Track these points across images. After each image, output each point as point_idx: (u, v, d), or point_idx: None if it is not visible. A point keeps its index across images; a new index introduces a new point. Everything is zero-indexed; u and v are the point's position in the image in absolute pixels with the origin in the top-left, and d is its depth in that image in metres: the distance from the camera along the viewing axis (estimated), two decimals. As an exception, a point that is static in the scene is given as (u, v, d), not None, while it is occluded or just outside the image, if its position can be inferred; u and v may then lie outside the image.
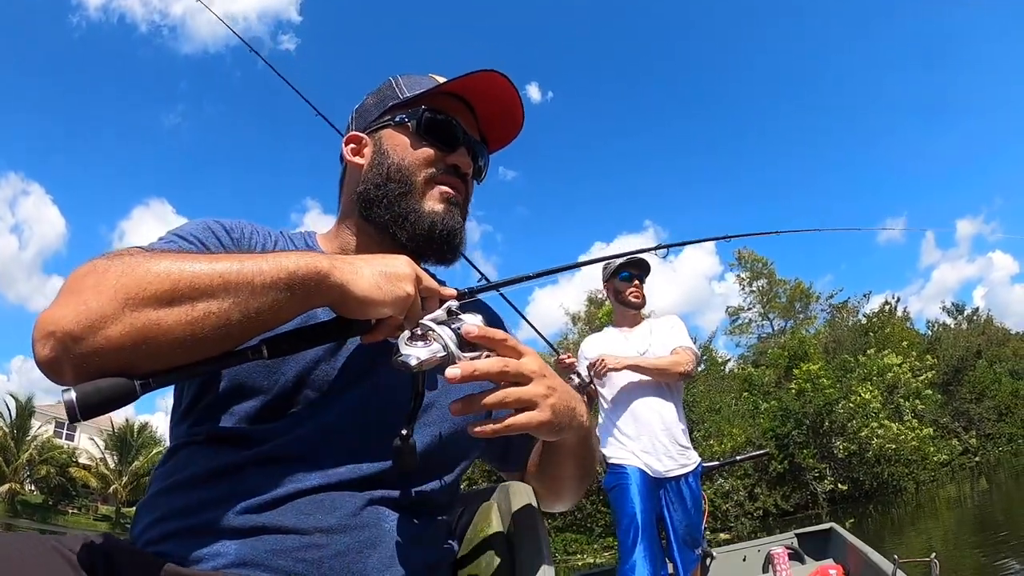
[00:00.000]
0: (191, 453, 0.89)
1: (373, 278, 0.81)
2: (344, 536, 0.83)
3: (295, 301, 0.77)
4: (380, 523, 0.87)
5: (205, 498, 0.83)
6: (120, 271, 0.72)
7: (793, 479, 24.90)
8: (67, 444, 39.69)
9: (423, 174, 1.04)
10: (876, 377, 27.57)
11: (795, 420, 25.84)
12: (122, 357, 0.70)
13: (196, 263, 0.74)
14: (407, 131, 1.06)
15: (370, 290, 0.80)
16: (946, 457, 28.11)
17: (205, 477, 0.85)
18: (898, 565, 3.15)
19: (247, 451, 0.86)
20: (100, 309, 0.69)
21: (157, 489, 0.89)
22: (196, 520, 0.81)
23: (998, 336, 43.87)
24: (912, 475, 25.34)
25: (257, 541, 0.80)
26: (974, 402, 33.25)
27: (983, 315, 45.61)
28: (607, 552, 21.94)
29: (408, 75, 1.12)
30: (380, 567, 0.85)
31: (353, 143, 1.11)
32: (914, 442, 25.50)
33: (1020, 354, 42.46)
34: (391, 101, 1.09)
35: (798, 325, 38.73)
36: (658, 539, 3.24)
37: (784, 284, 39.80)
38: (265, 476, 0.84)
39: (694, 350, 3.49)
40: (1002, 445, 32.47)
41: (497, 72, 1.02)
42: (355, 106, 1.18)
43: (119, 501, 38.16)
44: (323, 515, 0.83)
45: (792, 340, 32.65)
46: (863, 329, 35.32)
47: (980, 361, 36.10)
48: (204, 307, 0.72)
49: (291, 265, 0.76)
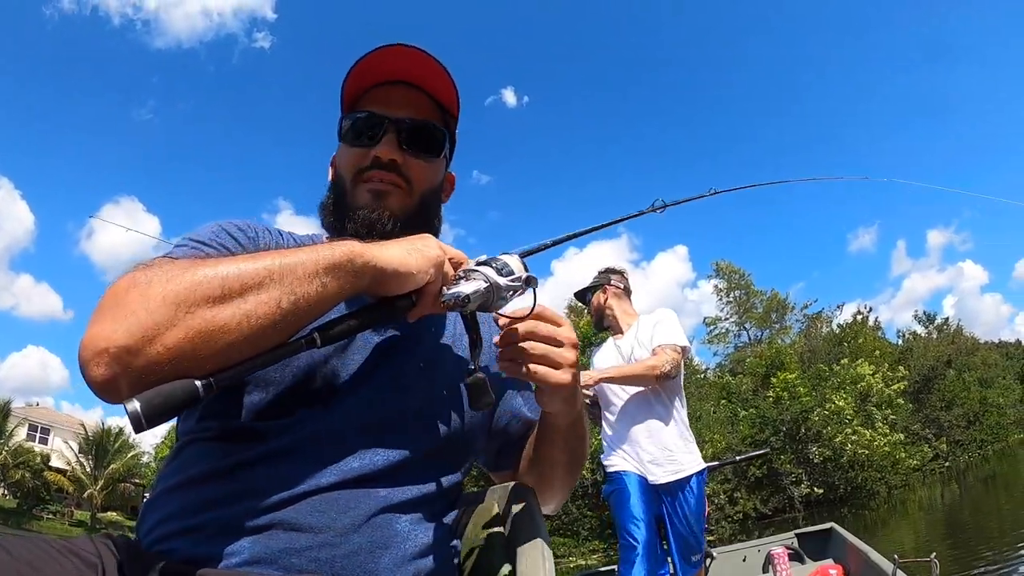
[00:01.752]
0: (201, 450, 0.89)
1: (401, 250, 0.85)
2: (357, 536, 0.84)
3: (337, 285, 0.79)
4: (392, 524, 0.88)
5: (217, 495, 0.83)
6: (165, 279, 0.72)
7: (771, 484, 25.61)
8: (40, 448, 39.01)
9: (351, 175, 1.06)
10: (850, 386, 28.46)
11: (773, 427, 26.56)
12: (180, 364, 0.70)
13: (240, 262, 0.76)
14: (340, 139, 1.10)
15: (402, 260, 0.83)
16: (917, 462, 29.07)
17: (217, 474, 0.85)
18: (898, 565, 3.15)
19: (260, 447, 0.86)
20: (153, 318, 0.69)
21: (165, 487, 0.88)
22: (208, 517, 0.81)
23: (967, 345, 45.18)
24: (884, 480, 26.31)
25: (270, 539, 0.80)
26: (944, 410, 34.34)
27: (953, 325, 46.92)
28: (594, 555, 22.37)
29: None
30: (391, 567, 0.85)
31: (332, 167, 1.16)
32: (886, 448, 26.44)
33: (989, 363, 43.83)
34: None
35: (774, 335, 39.48)
36: (657, 542, 3.21)
37: (760, 295, 40.58)
38: (278, 473, 0.84)
39: (677, 346, 3.25)
40: (971, 451, 33.62)
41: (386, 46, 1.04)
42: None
43: (94, 506, 37.59)
44: (337, 514, 0.83)
45: (769, 349, 33.36)
46: (837, 339, 36.21)
47: (950, 370, 37.26)
48: (255, 299, 0.73)
49: (327, 252, 0.79)
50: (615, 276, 3.65)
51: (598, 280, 3.64)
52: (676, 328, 3.33)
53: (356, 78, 1.07)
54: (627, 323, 3.54)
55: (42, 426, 40.57)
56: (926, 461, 30.34)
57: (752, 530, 20.76)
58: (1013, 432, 37.90)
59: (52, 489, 37.66)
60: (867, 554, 3.67)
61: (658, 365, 3.13)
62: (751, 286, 40.61)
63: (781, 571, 4.05)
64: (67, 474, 37.85)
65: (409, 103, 1.08)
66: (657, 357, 3.18)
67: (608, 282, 3.62)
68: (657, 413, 3.27)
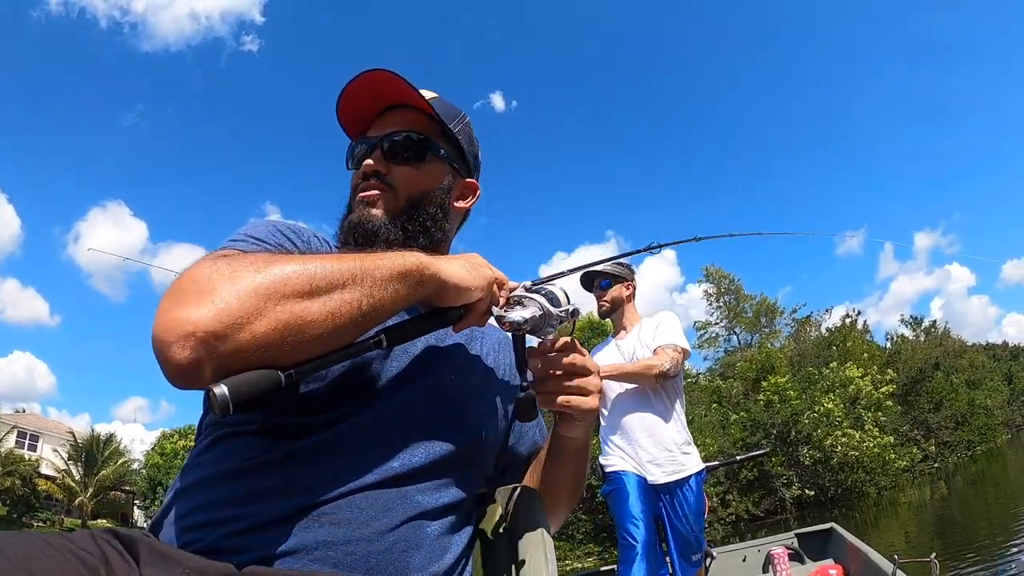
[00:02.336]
0: (243, 442, 0.90)
1: (462, 267, 0.92)
2: (392, 535, 0.86)
3: (407, 292, 0.84)
4: (424, 526, 0.91)
5: (262, 487, 0.84)
6: (254, 269, 0.74)
7: (762, 486, 25.81)
8: (30, 455, 38.65)
9: (352, 194, 1.16)
10: (839, 389, 28.70)
11: (764, 430, 26.76)
12: (265, 353, 0.71)
13: (327, 261, 0.79)
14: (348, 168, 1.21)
15: (461, 275, 0.90)
16: (906, 464, 29.31)
17: (263, 465, 0.86)
18: (898, 565, 3.15)
19: (305, 440, 0.88)
20: (244, 306, 0.71)
21: (201, 476, 0.89)
22: (249, 509, 0.82)
23: (955, 348, 45.67)
24: (874, 481, 26.54)
25: (308, 532, 0.82)
26: (932, 411, 34.67)
27: (940, 327, 47.39)
28: (589, 559, 22.53)
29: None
30: (420, 567, 0.88)
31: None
32: (876, 450, 26.69)
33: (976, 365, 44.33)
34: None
35: (764, 339, 39.71)
36: (656, 542, 3.22)
37: (750, 299, 40.81)
38: (324, 467, 0.86)
39: (678, 347, 3.28)
40: (959, 452, 33.97)
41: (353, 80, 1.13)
42: None
43: (84, 514, 37.33)
44: (376, 512, 0.86)
45: (760, 354, 33.57)
46: (826, 342, 36.48)
47: (938, 373, 37.61)
48: (340, 298, 0.77)
49: (400, 260, 0.85)
50: (632, 275, 3.65)
51: (623, 273, 3.59)
52: (678, 330, 3.35)
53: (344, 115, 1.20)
54: (632, 324, 3.55)
55: (31, 433, 40.08)
56: (915, 462, 30.63)
57: (745, 532, 20.92)
58: (1001, 433, 38.42)
59: (42, 497, 37.34)
60: (867, 554, 3.68)
61: (657, 364, 3.16)
62: (741, 290, 40.87)
63: (781, 571, 4.06)
64: (57, 481, 37.55)
65: (391, 122, 1.16)
66: (657, 356, 3.20)
67: (631, 279, 3.61)
68: (657, 413, 3.27)
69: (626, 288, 3.57)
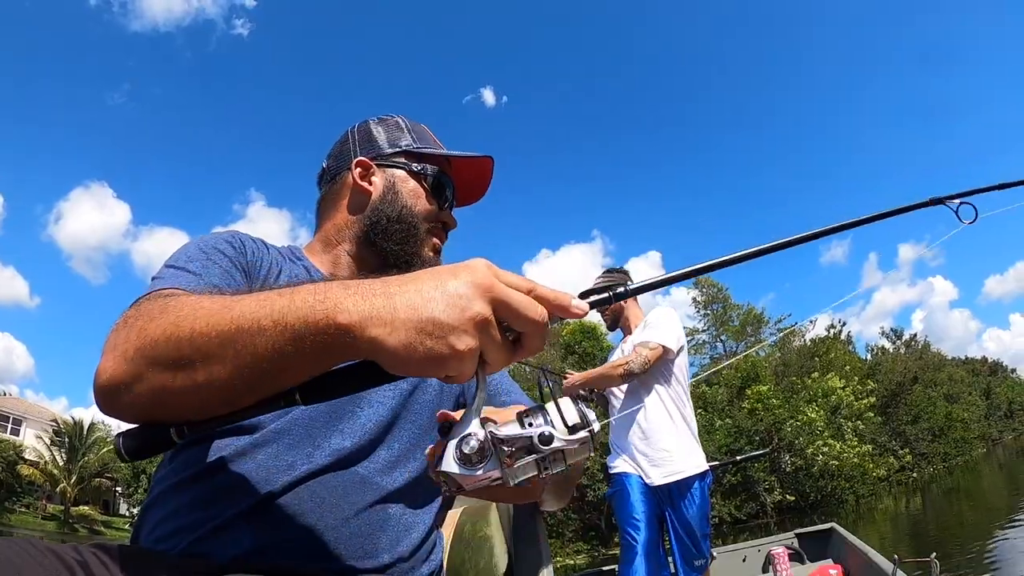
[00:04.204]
0: (196, 450, 0.89)
1: (411, 328, 0.57)
2: (356, 520, 0.87)
3: (308, 361, 0.62)
4: (386, 507, 0.92)
5: (217, 488, 0.84)
6: (138, 331, 0.70)
7: (745, 491, 26.38)
8: (12, 439, 38.33)
9: (426, 225, 1.15)
10: (821, 399, 29.35)
11: (747, 437, 27.28)
12: (154, 411, 0.70)
13: (198, 322, 0.66)
14: (421, 182, 1.17)
15: (403, 351, 0.57)
16: (884, 473, 30.07)
17: (214, 468, 0.86)
18: (898, 565, 3.13)
19: (255, 436, 0.89)
20: (127, 369, 0.69)
21: (164, 488, 0.89)
22: (207, 514, 0.82)
23: (934, 361, 46.45)
24: (853, 489, 27.32)
25: (272, 528, 0.82)
26: (910, 423, 35.50)
27: (921, 341, 48.21)
28: (579, 555, 22.96)
29: (412, 121, 1.26)
30: (388, 547, 0.89)
31: (362, 168, 1.17)
32: (855, 459, 27.39)
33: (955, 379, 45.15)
34: (402, 142, 1.20)
35: (749, 348, 40.25)
36: (659, 543, 3.21)
37: (737, 308, 41.30)
38: (272, 457, 0.87)
39: (654, 344, 3.18)
40: (936, 463, 34.79)
41: (490, 159, 1.23)
42: (352, 125, 1.25)
43: (67, 500, 37.15)
44: (337, 499, 0.87)
45: (745, 362, 34.08)
46: (809, 353, 37.11)
47: (916, 386, 38.42)
48: (206, 373, 0.65)
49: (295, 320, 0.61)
50: (627, 278, 3.64)
51: (614, 281, 3.52)
52: (661, 328, 3.28)
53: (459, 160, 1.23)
54: (635, 324, 3.55)
55: (14, 417, 39.65)
56: (892, 472, 31.39)
57: (727, 535, 21.35)
58: (976, 446, 39.22)
59: (24, 482, 37.08)
60: (867, 554, 3.65)
61: (623, 363, 3.14)
62: (729, 300, 41.35)
63: (781, 571, 4.03)
64: (40, 467, 37.31)
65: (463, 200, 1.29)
66: (628, 356, 3.20)
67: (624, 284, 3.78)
68: (655, 414, 3.26)
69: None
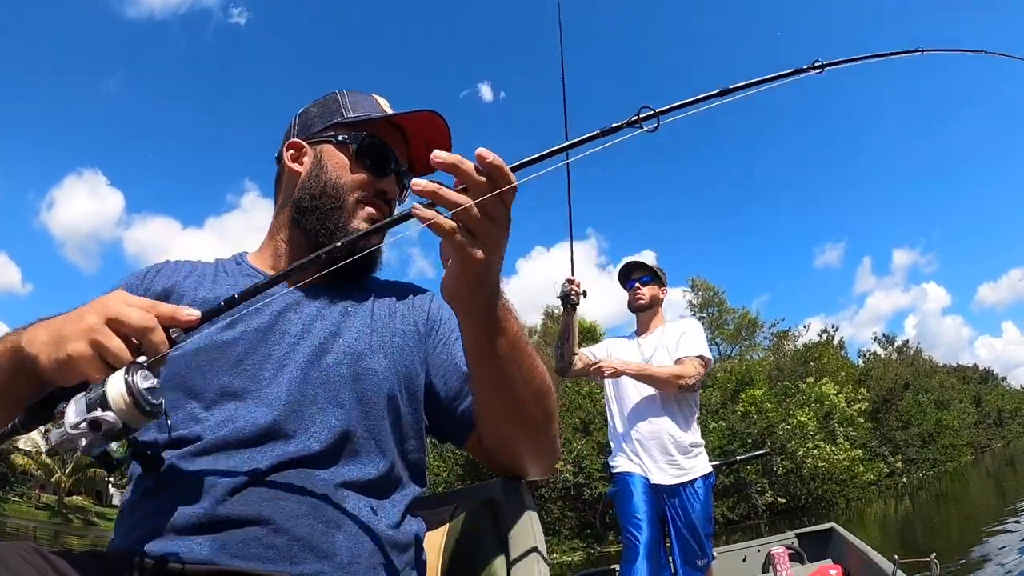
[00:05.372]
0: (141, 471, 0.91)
1: (48, 343, 0.74)
2: (308, 519, 0.85)
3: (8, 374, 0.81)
4: (341, 503, 0.89)
5: (171, 497, 0.85)
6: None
7: (737, 492, 26.72)
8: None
9: (354, 195, 1.09)
10: (814, 404, 29.76)
11: (740, 439, 27.63)
12: None
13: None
14: (347, 152, 1.10)
15: (44, 360, 0.74)
16: (874, 477, 30.48)
17: (165, 481, 0.87)
18: (898, 565, 3.12)
19: (198, 444, 0.89)
20: None
21: (132, 496, 0.91)
22: (166, 520, 0.83)
23: (926, 368, 47.03)
24: (843, 492, 27.73)
25: (226, 534, 0.82)
26: (900, 429, 35.94)
27: (912, 347, 48.76)
28: (575, 552, 23.24)
29: (353, 92, 1.17)
30: (347, 544, 0.86)
31: (293, 149, 1.14)
32: (845, 463, 27.81)
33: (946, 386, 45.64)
34: (335, 117, 1.13)
35: (744, 351, 40.60)
36: (660, 543, 3.22)
37: (733, 312, 41.65)
38: (216, 467, 0.87)
39: (703, 358, 3.30)
40: (925, 469, 35.24)
41: (435, 113, 1.11)
42: (298, 110, 1.21)
43: (61, 490, 37.25)
44: (282, 501, 0.85)
45: (740, 366, 34.47)
46: (803, 358, 37.53)
47: (907, 392, 38.89)
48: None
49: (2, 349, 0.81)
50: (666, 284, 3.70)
51: (663, 276, 3.63)
52: (702, 341, 3.39)
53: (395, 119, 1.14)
54: (656, 326, 3.56)
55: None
56: (882, 476, 31.78)
57: (720, 535, 21.60)
58: (966, 453, 39.65)
59: (18, 471, 37.17)
60: (867, 554, 3.67)
61: (684, 376, 3.21)
62: (724, 303, 41.68)
63: (781, 571, 4.04)
64: (35, 457, 37.42)
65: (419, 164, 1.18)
66: (684, 367, 3.23)
67: (666, 285, 3.66)
68: (665, 415, 3.29)
69: (662, 292, 3.63)
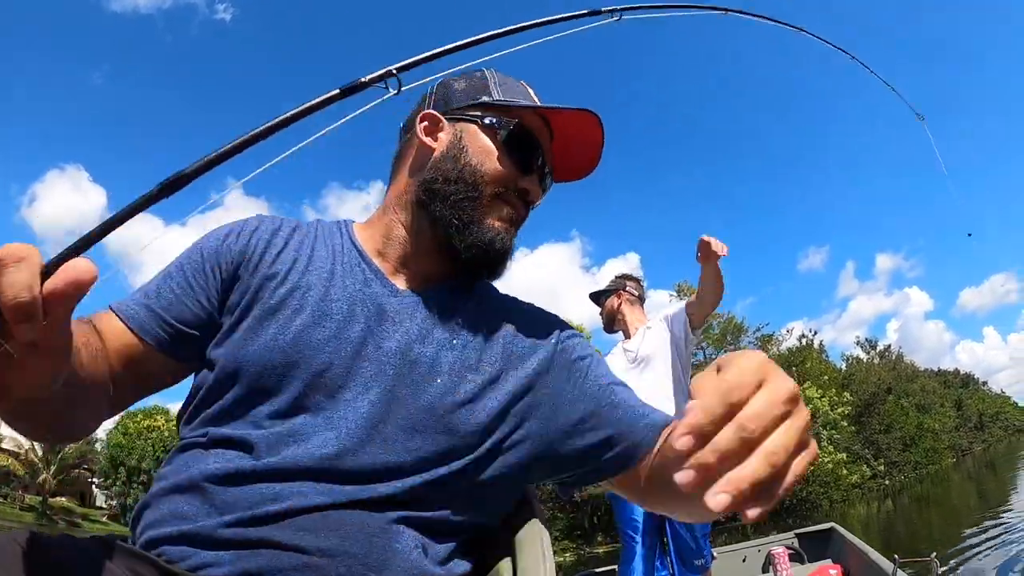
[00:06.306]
0: (196, 455, 0.85)
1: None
2: (347, 559, 0.78)
3: None
4: (391, 542, 0.80)
5: (206, 504, 0.80)
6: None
7: (723, 494, 27.05)
8: (-10, 429, 38.00)
9: (495, 188, 0.97)
10: (798, 407, 30.16)
11: (726, 441, 28.00)
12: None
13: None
14: (493, 137, 0.98)
15: None
16: (857, 480, 30.96)
17: (207, 481, 0.81)
18: (898, 565, 3.12)
19: (252, 459, 0.82)
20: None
21: (159, 488, 0.85)
22: (195, 525, 0.78)
23: (908, 372, 47.56)
24: (827, 495, 28.16)
25: (253, 555, 0.76)
26: (882, 433, 36.50)
27: (895, 351, 49.33)
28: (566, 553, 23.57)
29: (504, 75, 1.06)
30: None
31: (428, 121, 1.02)
32: (829, 465, 28.18)
33: (928, 390, 46.24)
34: (482, 95, 1.02)
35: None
36: (657, 543, 3.25)
37: (718, 317, 42.01)
38: (268, 487, 0.80)
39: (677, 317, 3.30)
40: (907, 472, 35.80)
41: (595, 115, 0.99)
42: (435, 79, 1.06)
43: (46, 491, 36.96)
44: (326, 534, 0.78)
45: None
46: (786, 362, 37.98)
47: (890, 396, 39.43)
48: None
49: None
50: (630, 283, 3.68)
51: (613, 285, 3.68)
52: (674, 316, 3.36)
53: (553, 113, 1.01)
54: (635, 328, 3.52)
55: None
56: (865, 479, 32.28)
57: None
58: (947, 456, 40.24)
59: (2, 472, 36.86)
60: (867, 554, 3.66)
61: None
62: (710, 307, 42.03)
63: (781, 571, 4.05)
64: (20, 457, 37.13)
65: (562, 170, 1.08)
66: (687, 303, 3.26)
67: (623, 288, 3.65)
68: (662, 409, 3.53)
69: (617, 298, 3.63)
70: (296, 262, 0.95)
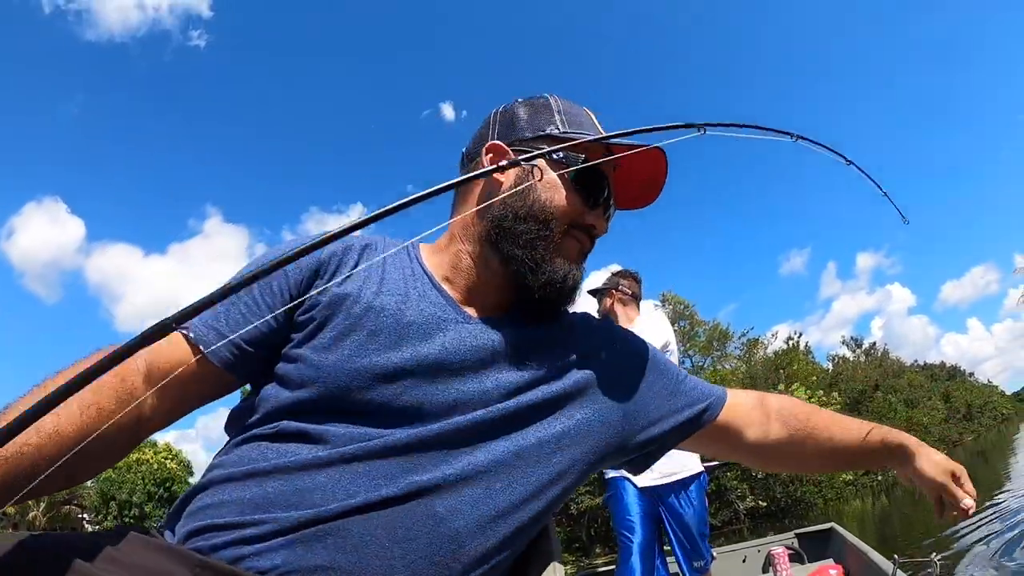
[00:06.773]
0: (258, 448, 0.84)
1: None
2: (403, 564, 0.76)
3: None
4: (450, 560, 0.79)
5: (266, 496, 0.79)
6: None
7: (719, 498, 27.20)
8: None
9: (564, 224, 0.95)
10: (788, 408, 30.38)
11: (718, 445, 28.17)
12: None
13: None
14: (560, 171, 0.96)
15: None
16: (850, 477, 31.09)
17: (268, 472, 0.80)
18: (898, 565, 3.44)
19: (324, 452, 0.80)
20: None
21: (217, 475, 0.83)
22: (251, 518, 0.77)
23: (894, 368, 48.06)
24: (821, 493, 28.42)
25: (309, 552, 0.75)
26: (872, 429, 36.66)
27: (880, 348, 49.89)
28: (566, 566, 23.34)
29: (567, 101, 1.04)
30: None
31: (494, 153, 0.99)
32: (822, 464, 28.39)
33: (915, 385, 46.68)
34: (547, 126, 0.98)
35: (716, 362, 41.17)
36: (654, 544, 3.27)
37: (703, 324, 42.23)
38: (337, 484, 0.78)
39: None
40: (898, 467, 35.98)
41: (662, 151, 0.98)
42: (499, 108, 1.05)
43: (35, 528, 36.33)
44: (387, 539, 0.76)
45: (714, 376, 35.08)
46: (773, 366, 38.32)
47: (878, 393, 39.88)
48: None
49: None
50: (624, 281, 3.63)
51: (607, 284, 3.64)
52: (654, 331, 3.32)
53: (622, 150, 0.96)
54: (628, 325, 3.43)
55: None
56: (858, 476, 32.49)
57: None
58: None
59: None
60: (867, 554, 3.63)
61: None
62: (695, 316, 42.22)
63: (781, 571, 4.06)
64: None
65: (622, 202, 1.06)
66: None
67: (616, 287, 3.61)
68: None
69: (610, 297, 3.62)
70: (368, 280, 0.93)
